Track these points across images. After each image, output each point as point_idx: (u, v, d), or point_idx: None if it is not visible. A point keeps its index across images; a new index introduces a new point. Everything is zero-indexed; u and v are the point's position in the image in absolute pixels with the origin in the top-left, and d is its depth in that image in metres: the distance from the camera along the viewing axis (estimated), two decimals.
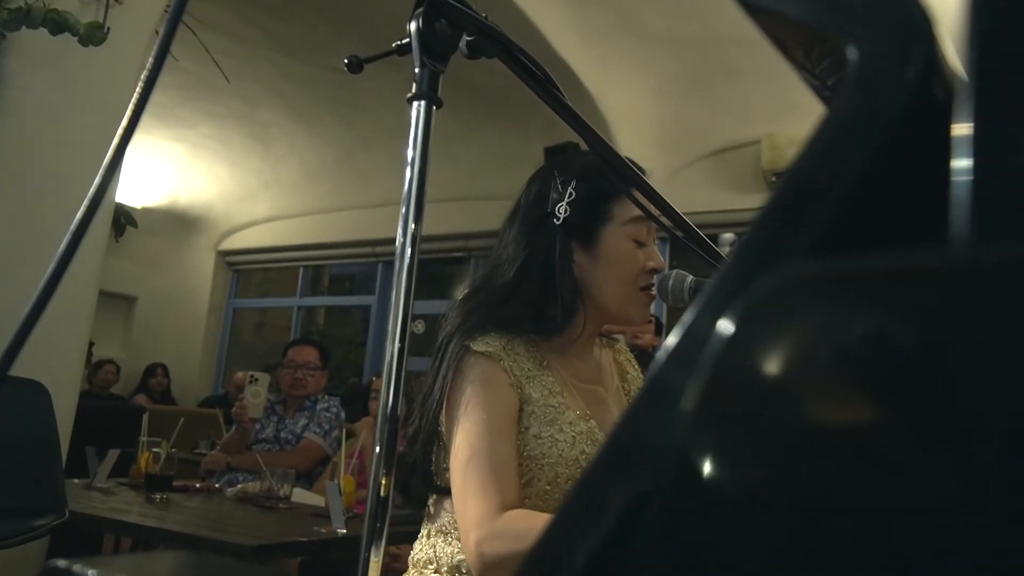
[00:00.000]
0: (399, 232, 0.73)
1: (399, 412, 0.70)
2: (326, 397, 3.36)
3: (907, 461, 0.21)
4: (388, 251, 6.42)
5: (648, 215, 1.09)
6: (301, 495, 2.74)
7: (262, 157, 6.41)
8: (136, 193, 6.60)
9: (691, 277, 1.14)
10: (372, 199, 6.26)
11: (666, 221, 1.03)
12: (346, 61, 0.84)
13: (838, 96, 0.28)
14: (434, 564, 1.15)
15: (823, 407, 0.23)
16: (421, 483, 1.18)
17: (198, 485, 2.94)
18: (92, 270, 2.83)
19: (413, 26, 0.74)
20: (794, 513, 0.22)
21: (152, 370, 6.62)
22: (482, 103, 4.65)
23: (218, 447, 3.43)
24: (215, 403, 5.74)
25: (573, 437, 1.12)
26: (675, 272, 1.15)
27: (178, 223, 7.25)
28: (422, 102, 0.74)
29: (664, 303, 1.20)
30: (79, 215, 0.50)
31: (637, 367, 1.39)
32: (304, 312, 7.50)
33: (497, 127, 5.21)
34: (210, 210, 7.25)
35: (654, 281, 1.19)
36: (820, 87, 0.40)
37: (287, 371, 3.30)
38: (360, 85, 4.88)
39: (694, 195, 4.69)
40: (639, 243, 1.20)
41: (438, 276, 6.47)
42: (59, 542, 2.56)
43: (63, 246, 0.49)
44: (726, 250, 1.16)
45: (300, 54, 4.83)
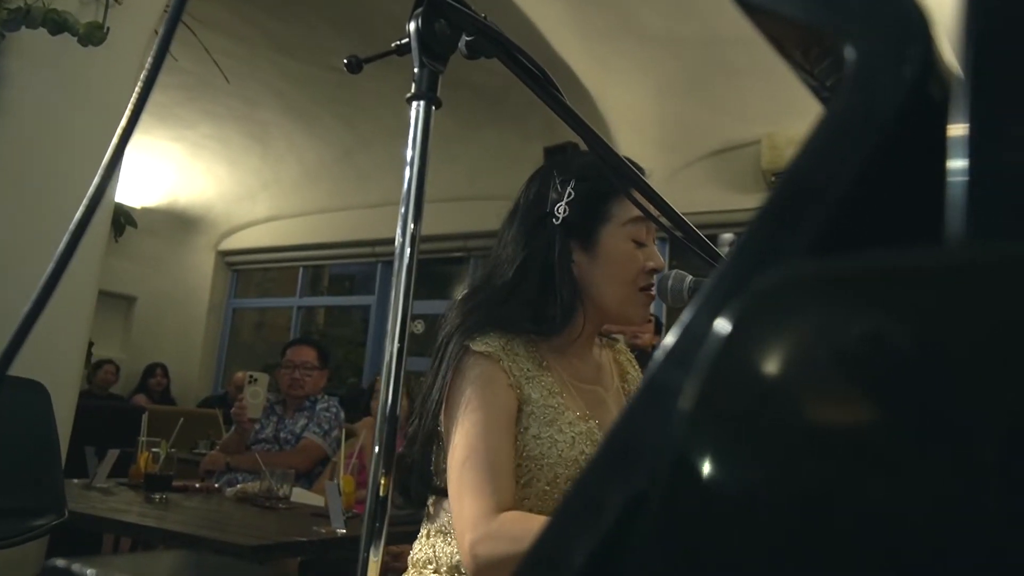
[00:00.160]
0: (398, 232, 0.73)
1: (399, 412, 0.70)
2: (326, 397, 3.36)
3: (905, 461, 0.21)
4: (388, 251, 6.42)
5: (647, 215, 1.09)
6: (301, 495, 2.75)
7: (261, 157, 6.41)
8: (136, 193, 6.60)
9: (690, 277, 1.14)
10: (371, 199, 6.26)
11: (665, 221, 1.03)
12: (345, 61, 0.84)
13: (835, 96, 0.28)
14: (433, 564, 1.15)
15: (821, 407, 0.23)
16: (420, 483, 1.19)
17: (197, 485, 2.94)
18: (92, 270, 2.83)
19: (412, 26, 0.74)
20: (792, 513, 0.22)
21: (152, 370, 6.62)
22: (481, 103, 4.65)
23: (217, 447, 3.43)
24: (215, 403, 5.74)
25: (572, 437, 1.12)
26: (674, 272, 1.15)
27: (178, 223, 7.25)
28: (421, 102, 0.74)
29: (663, 303, 1.20)
30: (78, 215, 0.50)
31: (637, 367, 1.39)
32: (304, 312, 7.50)
33: (496, 127, 5.21)
34: (210, 210, 7.25)
35: (653, 281, 1.19)
36: (819, 87, 0.40)
37: (285, 371, 3.30)
38: (359, 85, 4.87)
39: (694, 195, 4.69)
40: (638, 243, 1.20)
41: (437, 276, 6.47)
42: (58, 542, 2.56)
43: (62, 246, 0.49)
44: (726, 250, 1.16)
45: (299, 54, 4.83)
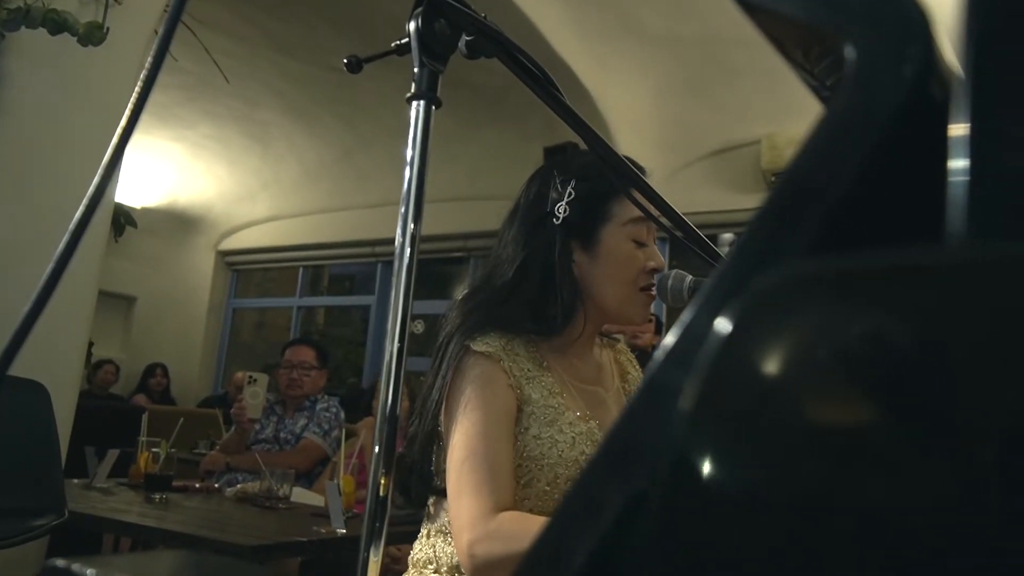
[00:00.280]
0: (398, 232, 0.73)
1: (399, 412, 0.70)
2: (326, 397, 3.36)
3: (905, 461, 0.21)
4: (387, 251, 6.42)
5: (647, 215, 1.09)
6: (301, 495, 2.74)
7: (261, 157, 6.41)
8: (136, 193, 6.60)
9: (690, 277, 1.14)
10: (371, 199, 6.26)
11: (665, 221, 1.03)
12: (345, 61, 0.84)
13: (836, 95, 0.28)
14: (434, 564, 1.15)
15: (821, 406, 0.23)
16: (420, 484, 1.18)
17: (197, 485, 2.94)
18: (92, 270, 2.83)
19: (412, 26, 0.74)
20: (792, 513, 0.22)
21: (152, 370, 6.62)
22: (481, 103, 4.65)
23: (217, 447, 3.43)
24: (214, 403, 5.74)
25: (573, 438, 1.12)
26: (674, 272, 1.15)
27: (177, 223, 7.25)
28: (421, 102, 0.74)
29: (664, 303, 1.20)
30: (78, 215, 0.50)
31: (638, 367, 1.38)
32: (304, 312, 7.50)
33: (496, 127, 5.21)
34: (210, 210, 7.25)
35: (654, 281, 1.19)
36: (819, 87, 0.40)
37: (283, 371, 3.30)
38: (359, 85, 4.87)
39: (694, 195, 4.69)
40: (639, 243, 1.20)
41: (437, 276, 6.47)
42: (58, 542, 2.56)
43: (62, 246, 0.49)
44: (726, 250, 1.16)
45: (299, 54, 4.83)
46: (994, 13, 0.26)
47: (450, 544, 1.14)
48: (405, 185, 0.73)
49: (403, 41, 0.76)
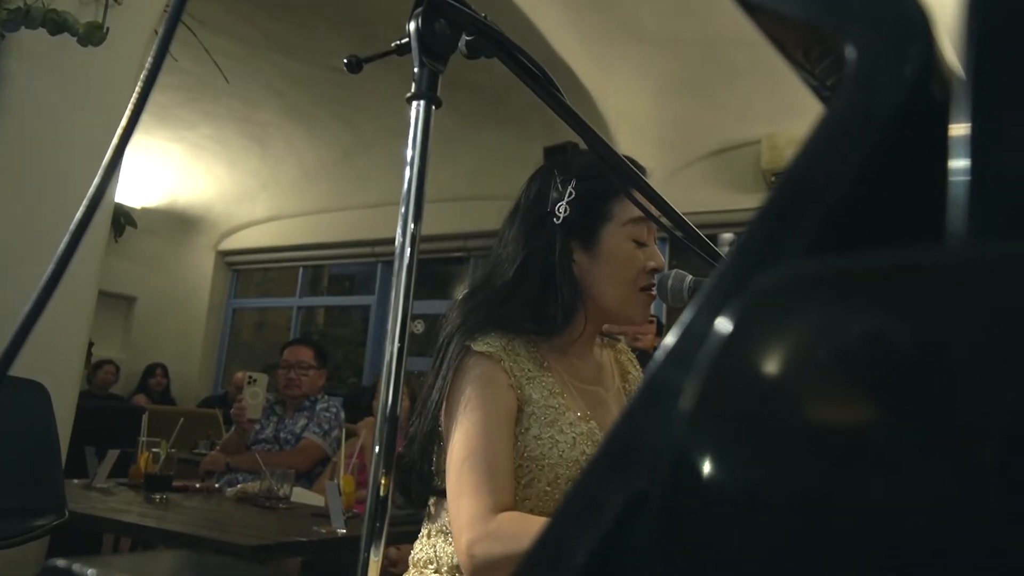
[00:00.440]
0: (398, 232, 0.73)
1: (399, 412, 0.70)
2: (326, 397, 3.36)
3: (905, 460, 0.21)
4: (387, 251, 6.42)
5: (648, 215, 1.09)
6: (301, 495, 2.75)
7: (261, 157, 6.41)
8: (135, 193, 6.60)
9: (690, 277, 1.14)
10: (371, 199, 6.26)
11: (666, 221, 1.02)
12: (345, 61, 0.83)
13: (836, 95, 0.28)
14: (434, 564, 1.15)
15: (821, 406, 0.23)
16: (420, 484, 1.18)
17: (198, 485, 2.94)
18: (92, 270, 2.83)
19: (412, 26, 0.74)
20: (793, 513, 0.22)
21: (152, 370, 6.63)
22: (481, 103, 4.65)
23: (217, 447, 3.43)
24: (215, 403, 5.74)
25: (573, 438, 1.12)
26: (674, 272, 1.15)
27: (177, 223, 7.25)
28: (421, 102, 0.74)
29: (664, 303, 1.20)
30: (78, 215, 0.50)
31: (638, 367, 1.38)
32: (304, 312, 7.50)
33: (496, 127, 5.21)
34: (209, 210, 7.25)
35: (654, 281, 1.19)
36: (820, 87, 0.40)
37: (282, 371, 3.31)
38: (359, 85, 4.87)
39: (694, 195, 4.69)
40: (639, 243, 1.20)
41: (437, 276, 6.47)
42: (58, 542, 2.56)
43: (62, 246, 0.49)
44: (726, 250, 1.16)
45: (299, 54, 4.83)
46: (995, 13, 0.26)
47: (451, 544, 1.14)
48: (405, 185, 0.73)
49: (403, 41, 0.76)
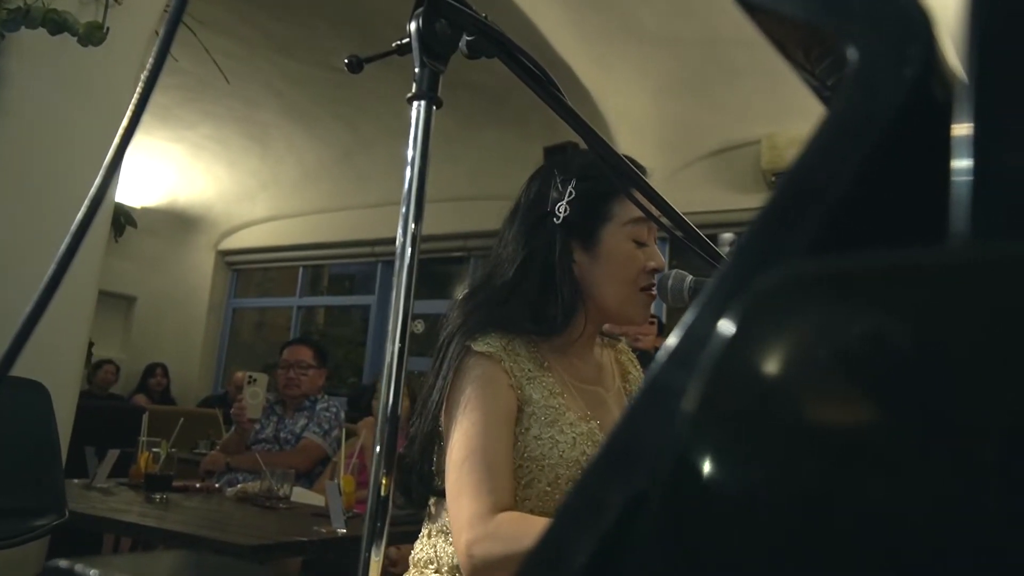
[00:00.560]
0: (399, 232, 0.73)
1: (399, 412, 0.70)
2: (326, 397, 3.37)
3: (906, 461, 0.21)
4: (387, 251, 6.42)
5: (648, 215, 1.09)
6: (301, 495, 2.75)
7: (261, 157, 6.41)
8: (136, 193, 6.60)
9: (690, 277, 1.14)
10: (371, 199, 6.26)
11: (666, 221, 1.02)
12: (346, 61, 0.84)
13: (837, 97, 0.28)
14: (435, 564, 1.15)
15: (823, 407, 0.23)
16: (420, 484, 1.18)
17: (198, 485, 2.94)
18: (92, 270, 2.83)
19: (413, 26, 0.74)
20: (794, 513, 0.22)
21: (152, 370, 6.63)
22: (482, 103, 4.65)
23: (218, 447, 3.43)
24: (215, 403, 5.74)
25: (574, 438, 1.12)
26: (675, 272, 1.15)
27: (177, 223, 7.25)
28: (422, 102, 0.74)
29: (664, 303, 1.20)
30: (80, 216, 0.50)
31: (639, 367, 1.38)
32: (304, 312, 7.50)
33: (496, 127, 5.21)
34: (209, 210, 7.25)
35: (654, 281, 1.19)
36: (820, 87, 0.40)
37: (281, 371, 3.31)
38: (359, 85, 4.88)
39: (694, 195, 4.69)
40: (639, 243, 1.20)
41: (438, 276, 6.47)
42: (59, 542, 2.56)
43: (63, 247, 0.49)
44: (726, 250, 1.16)
45: (299, 54, 4.83)
46: (997, 13, 0.26)
47: (451, 544, 1.14)
48: (406, 185, 0.73)
49: (404, 41, 0.76)
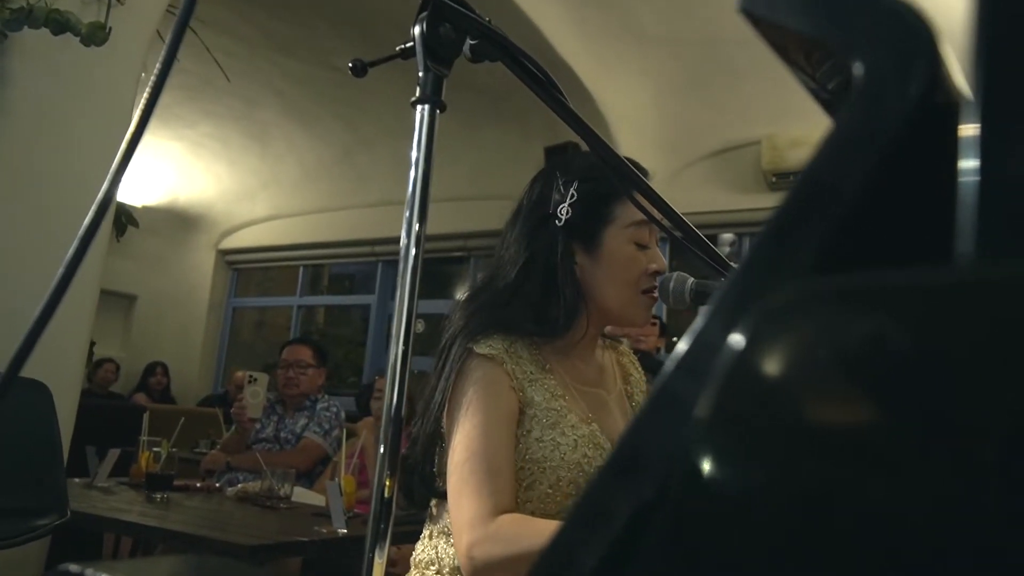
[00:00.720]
0: (403, 234, 0.73)
1: (403, 413, 0.71)
2: (326, 397, 3.37)
3: (912, 467, 0.22)
4: (387, 250, 6.42)
5: (649, 218, 1.09)
6: (301, 495, 2.75)
7: (261, 156, 6.41)
8: (136, 192, 6.60)
9: (692, 279, 1.14)
10: (371, 199, 6.26)
11: (668, 224, 1.03)
12: (350, 65, 0.84)
13: (842, 110, 0.28)
14: (436, 565, 1.15)
15: (834, 418, 0.24)
16: (422, 485, 1.18)
17: (198, 484, 2.94)
18: (93, 269, 2.83)
19: (417, 30, 0.75)
20: (808, 523, 0.22)
21: (152, 369, 6.62)
22: (483, 103, 4.65)
23: (218, 447, 3.43)
24: (215, 402, 5.74)
25: (575, 441, 1.12)
26: (676, 274, 1.15)
27: (178, 222, 7.25)
28: (426, 106, 0.75)
29: (665, 305, 1.20)
30: (87, 220, 0.50)
31: (640, 369, 1.38)
32: (304, 311, 7.50)
33: (498, 127, 5.21)
34: (210, 209, 7.25)
35: (656, 283, 1.19)
36: (819, 90, 0.41)
37: (281, 371, 3.31)
38: (360, 85, 4.86)
39: (694, 196, 4.69)
40: (641, 245, 1.20)
41: (438, 276, 6.47)
42: (60, 542, 2.57)
43: (71, 251, 0.49)
44: (725, 250, 1.17)
45: (299, 54, 4.83)
46: (1003, 25, 0.26)
47: (452, 545, 1.14)
48: (410, 187, 0.74)
49: (408, 45, 0.76)
